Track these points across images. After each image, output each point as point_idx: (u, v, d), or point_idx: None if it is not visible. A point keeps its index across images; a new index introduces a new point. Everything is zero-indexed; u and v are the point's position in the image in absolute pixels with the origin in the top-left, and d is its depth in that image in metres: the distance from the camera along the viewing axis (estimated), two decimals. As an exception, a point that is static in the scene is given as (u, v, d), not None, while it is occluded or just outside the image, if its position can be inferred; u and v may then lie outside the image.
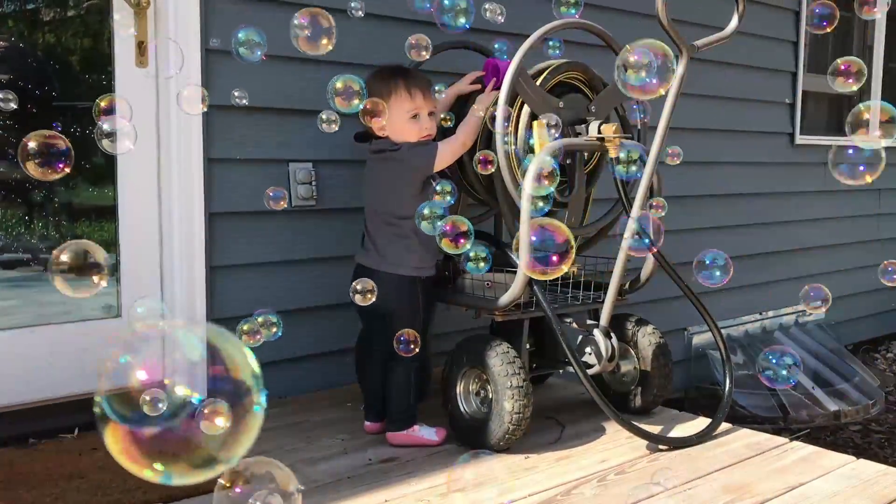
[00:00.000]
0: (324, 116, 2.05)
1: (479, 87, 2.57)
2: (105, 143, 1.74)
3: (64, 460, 2.16)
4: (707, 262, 2.16)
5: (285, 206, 2.24)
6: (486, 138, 2.44)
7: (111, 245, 2.60)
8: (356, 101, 1.93)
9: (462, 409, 2.38)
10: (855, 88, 1.90)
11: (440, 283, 2.58)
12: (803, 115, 4.83)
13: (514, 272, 2.33)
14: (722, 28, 2.42)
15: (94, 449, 2.25)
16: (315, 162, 2.80)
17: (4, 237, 2.52)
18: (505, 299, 2.33)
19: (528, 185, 2.25)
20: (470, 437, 2.34)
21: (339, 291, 2.59)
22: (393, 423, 2.37)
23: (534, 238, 1.81)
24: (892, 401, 4.59)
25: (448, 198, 2.13)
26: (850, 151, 1.71)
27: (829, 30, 1.84)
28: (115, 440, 1.14)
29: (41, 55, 2.58)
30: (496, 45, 2.68)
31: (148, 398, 1.15)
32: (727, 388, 2.55)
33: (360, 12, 2.19)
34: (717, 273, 2.15)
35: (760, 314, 4.71)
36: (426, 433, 2.36)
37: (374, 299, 2.01)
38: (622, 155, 2.31)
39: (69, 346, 2.49)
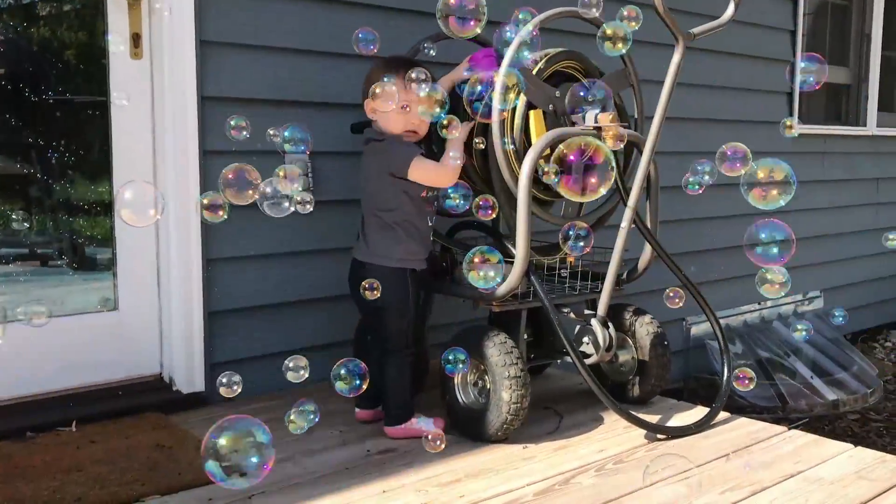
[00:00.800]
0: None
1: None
2: (266, 207, 1.90)
3: (62, 453, 2.16)
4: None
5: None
6: (482, 128, 2.42)
7: (107, 240, 2.59)
8: (438, 110, 2.07)
9: (460, 400, 2.37)
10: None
11: (438, 274, 2.57)
12: (801, 105, 4.82)
13: (512, 262, 2.32)
14: (719, 17, 2.41)
15: (93, 442, 2.25)
16: (311, 154, 2.79)
17: (1, 232, 2.52)
18: (502, 289, 2.32)
19: (525, 175, 2.25)
20: (468, 428, 2.34)
21: (336, 283, 2.59)
22: (391, 418, 2.37)
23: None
24: (890, 389, 4.59)
25: (461, 201, 2.21)
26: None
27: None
28: None
29: (35, 48, 2.57)
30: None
31: None
32: (725, 378, 2.55)
33: (433, 51, 2.52)
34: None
35: (759, 304, 4.71)
36: (424, 424, 2.36)
37: (307, 376, 1.97)
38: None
39: (66, 339, 2.48)
